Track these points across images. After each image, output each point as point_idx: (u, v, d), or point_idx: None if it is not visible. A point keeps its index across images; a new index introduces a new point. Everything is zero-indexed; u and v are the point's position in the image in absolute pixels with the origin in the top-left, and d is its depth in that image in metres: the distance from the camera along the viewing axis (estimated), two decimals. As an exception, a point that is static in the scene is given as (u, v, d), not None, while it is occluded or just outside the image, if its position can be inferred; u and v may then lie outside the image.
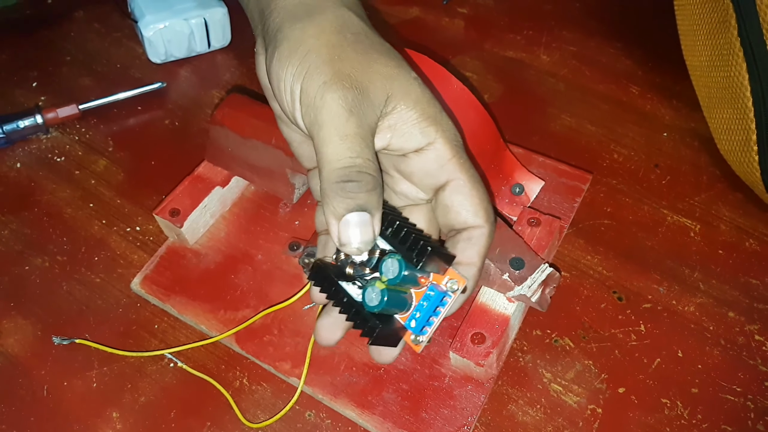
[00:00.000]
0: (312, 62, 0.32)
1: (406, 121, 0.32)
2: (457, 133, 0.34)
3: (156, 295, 0.46)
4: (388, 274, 0.32)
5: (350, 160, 0.31)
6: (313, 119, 0.31)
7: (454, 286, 0.33)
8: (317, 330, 0.36)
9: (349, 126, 0.31)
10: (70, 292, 0.47)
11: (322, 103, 0.31)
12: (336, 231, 0.31)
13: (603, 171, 0.52)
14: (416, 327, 0.33)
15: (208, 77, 0.61)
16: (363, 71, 0.32)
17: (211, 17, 0.60)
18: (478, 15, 0.66)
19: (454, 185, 0.33)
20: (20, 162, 0.55)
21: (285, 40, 0.33)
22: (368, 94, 0.31)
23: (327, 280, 0.34)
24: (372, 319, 0.32)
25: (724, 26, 0.47)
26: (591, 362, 0.42)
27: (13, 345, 0.45)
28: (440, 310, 0.33)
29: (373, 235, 0.32)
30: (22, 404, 0.42)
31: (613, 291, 0.45)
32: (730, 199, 0.50)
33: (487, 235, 0.34)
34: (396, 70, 0.33)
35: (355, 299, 0.33)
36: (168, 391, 0.42)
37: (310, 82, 0.31)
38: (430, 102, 0.33)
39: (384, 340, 0.33)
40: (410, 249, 0.32)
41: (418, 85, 0.33)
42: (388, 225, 0.32)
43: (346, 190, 0.31)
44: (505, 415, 0.40)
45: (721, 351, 0.42)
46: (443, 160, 0.33)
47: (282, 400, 0.42)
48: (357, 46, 0.33)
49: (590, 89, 0.58)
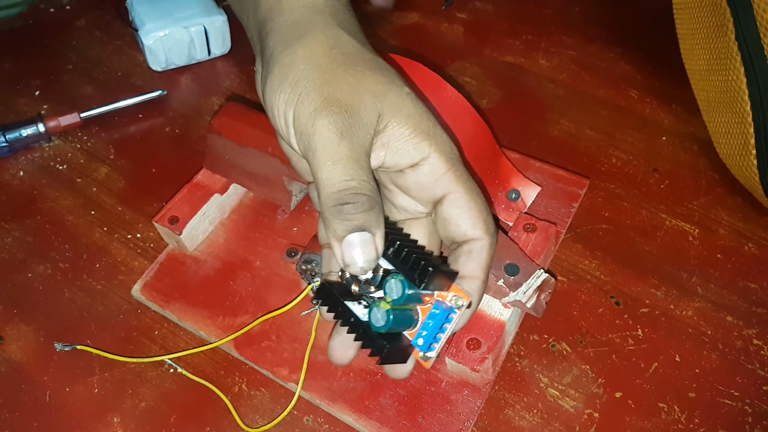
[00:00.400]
0: (303, 89, 0.32)
1: (399, 137, 0.33)
2: (452, 146, 0.34)
3: (156, 301, 0.46)
4: (392, 294, 0.32)
5: (345, 183, 0.31)
6: (307, 145, 0.32)
7: (459, 302, 0.33)
8: (331, 350, 0.36)
9: (341, 150, 0.31)
10: (72, 298, 0.48)
11: (313, 129, 0.31)
12: (339, 252, 0.32)
13: (602, 176, 0.52)
14: (424, 345, 0.34)
15: (208, 84, 0.62)
16: (353, 92, 0.32)
17: (210, 25, 0.60)
18: (478, 20, 0.66)
19: (452, 198, 0.34)
20: (23, 170, 0.56)
21: (276, 66, 0.33)
22: (359, 115, 0.32)
23: (333, 299, 0.34)
24: (379, 339, 0.32)
25: (721, 30, 0.47)
26: (588, 367, 0.42)
27: (16, 351, 0.45)
28: (447, 327, 0.34)
29: (376, 253, 0.32)
30: (25, 410, 0.43)
31: (611, 296, 0.45)
32: (729, 204, 0.49)
33: (488, 247, 0.34)
34: (387, 86, 0.33)
35: (361, 319, 0.33)
36: (168, 397, 0.43)
37: (301, 109, 0.32)
38: (423, 116, 0.33)
39: (393, 358, 0.33)
40: (412, 269, 0.32)
41: (410, 100, 0.33)
42: (389, 245, 0.33)
43: (344, 213, 0.31)
44: (502, 420, 0.40)
45: (719, 355, 0.42)
46: (438, 173, 0.33)
47: (280, 405, 0.42)
48: (347, 66, 0.33)
49: (589, 94, 0.58)
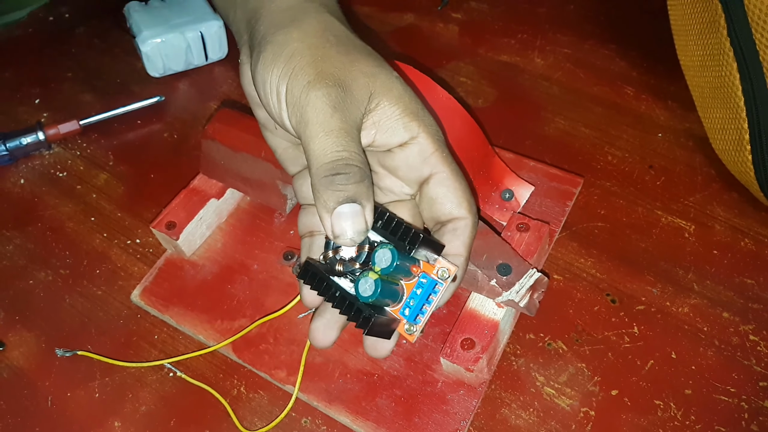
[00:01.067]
0: (296, 63, 0.33)
1: (389, 116, 0.33)
2: (438, 129, 0.35)
3: (155, 306, 0.47)
4: (381, 263, 0.32)
5: (336, 153, 0.32)
6: (299, 118, 0.32)
7: (445, 275, 0.34)
8: (312, 332, 0.36)
9: (333, 121, 0.32)
10: (73, 304, 0.48)
11: (306, 101, 0.32)
12: (329, 224, 0.32)
13: (597, 173, 0.52)
14: (410, 315, 0.34)
15: (205, 90, 0.62)
16: (346, 70, 0.33)
17: (207, 31, 0.61)
18: (473, 20, 0.66)
19: (438, 178, 0.34)
20: (23, 178, 0.57)
21: (269, 44, 0.34)
22: (352, 91, 0.33)
23: (317, 276, 0.34)
24: (367, 309, 0.32)
25: (714, 26, 0.47)
26: (584, 365, 0.42)
27: (18, 357, 0.46)
28: (432, 299, 0.34)
29: (365, 225, 0.32)
30: (27, 415, 0.43)
31: (607, 293, 0.45)
32: (725, 199, 0.49)
33: (471, 226, 0.35)
34: (377, 68, 0.34)
35: (348, 292, 0.34)
36: (168, 400, 0.43)
37: (294, 83, 0.33)
38: (412, 98, 0.34)
39: (379, 331, 0.33)
40: (402, 237, 0.32)
41: (399, 83, 0.34)
42: (378, 217, 0.33)
43: (335, 183, 0.31)
44: (498, 419, 0.41)
45: (716, 352, 0.42)
46: (426, 153, 0.34)
47: (278, 407, 0.42)
48: (339, 47, 0.34)
49: (584, 92, 0.58)
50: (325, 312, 0.36)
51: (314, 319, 0.36)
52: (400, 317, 0.34)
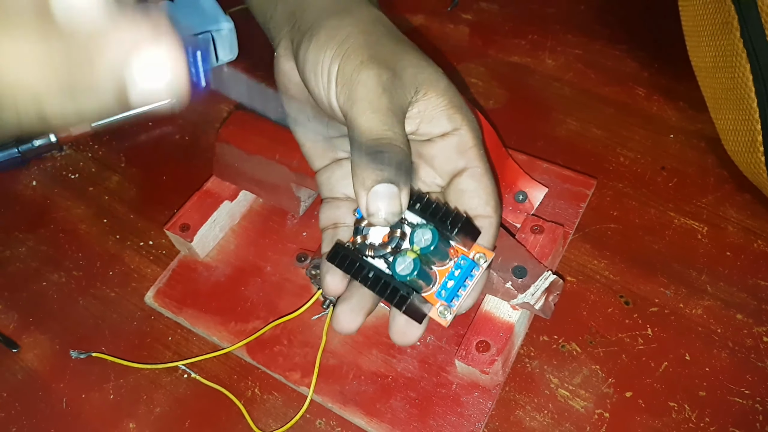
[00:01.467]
0: (350, 45, 0.34)
1: (435, 107, 0.34)
2: (477, 126, 0.36)
3: (169, 308, 0.47)
4: (420, 243, 0.32)
5: (382, 132, 0.32)
6: (348, 95, 0.33)
7: (482, 259, 0.34)
8: (336, 317, 0.35)
9: (382, 101, 0.32)
10: (86, 306, 0.48)
11: (357, 79, 0.33)
12: (364, 201, 0.32)
13: (609, 175, 0.52)
14: (447, 296, 0.34)
15: (215, 91, 0.62)
16: (396, 58, 0.34)
17: (218, 32, 0.61)
18: (483, 21, 0.66)
19: (471, 172, 0.35)
20: (36, 180, 0.57)
21: (322, 28, 0.35)
22: (401, 78, 0.34)
23: (348, 258, 0.34)
24: (404, 287, 0.32)
25: (726, 27, 0.47)
26: (598, 367, 0.42)
27: (33, 360, 0.46)
28: (468, 283, 0.34)
29: (400, 207, 0.32)
30: (42, 417, 0.43)
31: (620, 295, 0.45)
32: (738, 201, 0.49)
33: (494, 226, 0.35)
34: (425, 62, 0.36)
35: (382, 271, 0.33)
36: (182, 402, 0.43)
37: (347, 62, 0.33)
38: (456, 94, 0.36)
39: (414, 312, 0.33)
40: (443, 219, 0.33)
41: (445, 78, 0.36)
42: (416, 200, 0.33)
43: (377, 161, 0.32)
44: (513, 421, 0.41)
45: (729, 353, 0.42)
46: (465, 146, 0.35)
47: (293, 408, 0.42)
48: (390, 37, 0.36)
49: (595, 93, 0.58)
50: (351, 297, 0.35)
51: (339, 305, 0.35)
52: (435, 299, 0.34)
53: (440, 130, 0.35)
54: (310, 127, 0.40)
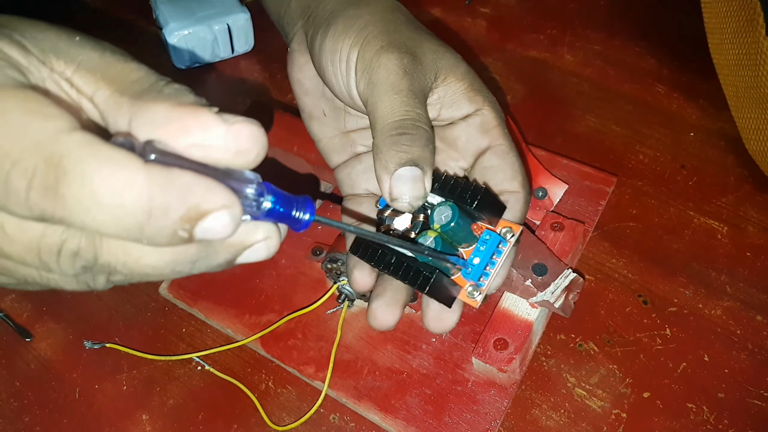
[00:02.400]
0: (369, 32, 0.34)
1: (455, 91, 0.34)
2: (500, 108, 0.36)
3: (183, 299, 0.47)
4: (440, 221, 0.31)
5: (405, 113, 0.32)
6: (368, 80, 0.33)
7: (509, 234, 0.33)
8: (373, 314, 0.34)
9: (404, 83, 0.32)
10: (101, 297, 0.48)
11: (378, 63, 0.33)
12: (387, 186, 0.31)
13: (628, 172, 0.51)
14: (473, 274, 0.32)
15: (231, 82, 0.62)
16: (416, 44, 0.34)
17: (234, 23, 0.60)
18: (501, 15, 0.65)
19: (495, 150, 0.35)
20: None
21: (340, 17, 0.35)
22: (421, 62, 0.34)
23: (371, 246, 0.33)
24: (427, 268, 0.31)
25: (751, 25, 0.46)
26: (615, 367, 0.42)
27: (47, 349, 0.46)
28: (495, 260, 0.33)
29: (424, 191, 0.31)
30: (56, 407, 0.43)
31: (639, 294, 0.45)
32: (758, 201, 0.49)
33: (522, 200, 0.34)
34: (444, 48, 0.35)
35: (404, 254, 0.32)
36: (196, 394, 0.43)
37: (367, 48, 0.33)
38: (476, 78, 0.35)
39: (439, 294, 0.32)
40: (462, 194, 0.31)
41: (464, 63, 0.36)
42: (434, 179, 0.32)
43: (400, 143, 0.31)
44: (529, 420, 0.40)
45: (749, 355, 0.42)
46: (488, 126, 0.35)
47: (307, 403, 0.42)
48: (409, 25, 0.36)
49: (615, 89, 0.57)
50: (384, 292, 0.34)
51: (373, 301, 0.34)
52: (465, 281, 0.33)
53: (462, 113, 0.35)
54: (326, 122, 0.40)
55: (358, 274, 0.35)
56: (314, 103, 0.39)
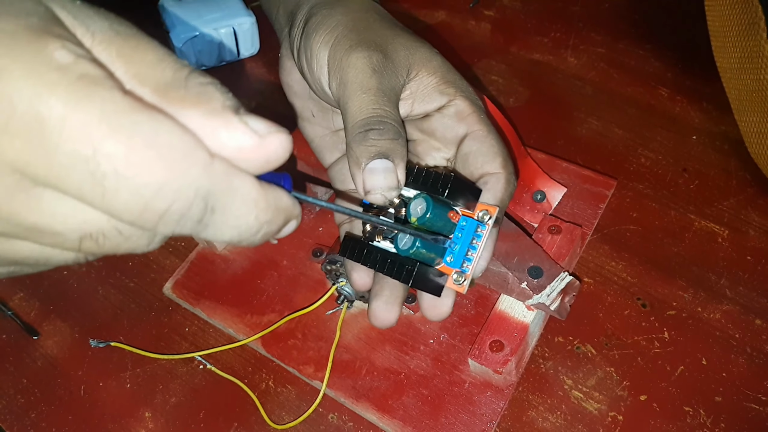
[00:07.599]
0: (340, 32, 0.34)
1: (426, 85, 0.35)
2: (476, 97, 0.36)
3: (186, 299, 0.47)
4: (416, 213, 0.31)
5: (372, 110, 0.32)
6: (339, 80, 0.33)
7: (486, 216, 0.33)
8: (373, 313, 0.35)
9: (372, 81, 0.32)
10: (106, 296, 0.49)
11: (348, 63, 0.33)
12: (360, 180, 0.32)
13: (630, 176, 0.51)
14: (454, 262, 0.33)
15: (238, 85, 0.63)
16: (388, 41, 0.34)
17: (239, 27, 0.61)
18: (505, 17, 0.65)
19: (474, 135, 0.35)
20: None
21: (314, 16, 0.36)
22: (392, 60, 0.34)
23: (357, 246, 0.34)
24: (409, 262, 0.32)
25: (753, 28, 0.46)
26: (613, 369, 0.42)
27: (53, 347, 0.47)
28: (476, 244, 0.33)
29: (397, 181, 0.32)
30: (61, 403, 0.44)
31: (637, 298, 0.45)
32: (760, 204, 0.49)
33: (503, 180, 0.34)
34: (418, 43, 0.36)
35: (388, 251, 0.33)
36: (197, 393, 0.44)
37: (337, 47, 0.34)
38: (450, 70, 0.35)
39: (424, 284, 0.32)
40: (434, 184, 0.32)
41: (439, 57, 0.36)
42: (407, 173, 0.32)
43: (368, 138, 0.31)
44: (525, 422, 0.41)
45: (747, 359, 0.42)
46: (463, 114, 0.35)
47: (306, 402, 0.43)
48: (382, 23, 0.36)
49: (618, 92, 0.57)
50: (382, 291, 0.35)
51: (372, 301, 0.35)
52: (450, 269, 0.33)
53: (434, 105, 0.35)
54: (316, 122, 0.40)
55: (357, 276, 0.36)
56: (303, 104, 0.40)
